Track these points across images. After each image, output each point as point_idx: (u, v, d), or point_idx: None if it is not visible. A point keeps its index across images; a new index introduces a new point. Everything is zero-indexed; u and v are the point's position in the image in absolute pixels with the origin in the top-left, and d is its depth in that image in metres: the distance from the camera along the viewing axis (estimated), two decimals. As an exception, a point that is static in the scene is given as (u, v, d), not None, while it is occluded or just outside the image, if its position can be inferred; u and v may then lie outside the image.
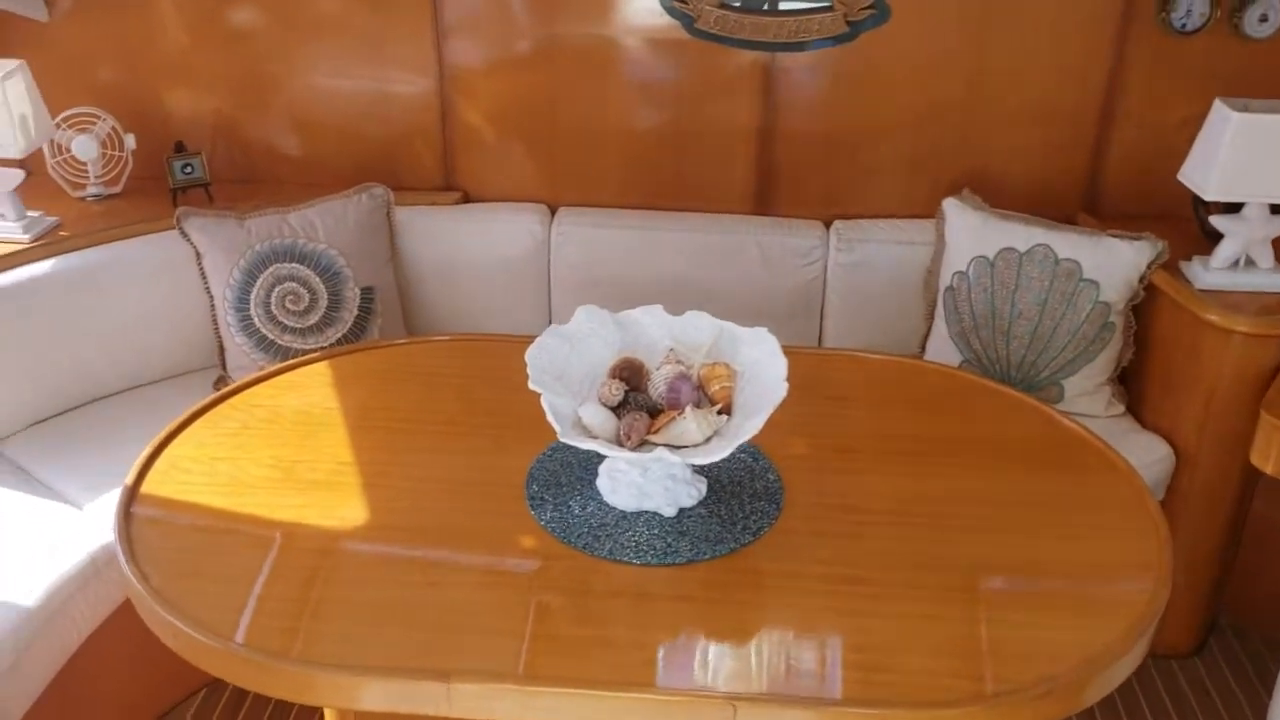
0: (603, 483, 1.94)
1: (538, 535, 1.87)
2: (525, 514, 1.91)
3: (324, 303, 2.75)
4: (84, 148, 2.93)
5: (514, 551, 1.85)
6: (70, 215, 2.89)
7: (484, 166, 3.10)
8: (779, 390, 1.81)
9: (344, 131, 3.10)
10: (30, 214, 2.80)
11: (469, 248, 2.97)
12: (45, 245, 2.75)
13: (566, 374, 1.93)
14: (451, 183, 3.12)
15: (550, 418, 1.81)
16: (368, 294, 2.80)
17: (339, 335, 2.77)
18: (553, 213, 3.04)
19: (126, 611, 2.27)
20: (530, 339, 1.94)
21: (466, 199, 3.11)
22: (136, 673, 2.47)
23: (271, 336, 2.74)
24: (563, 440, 1.79)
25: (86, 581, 2.27)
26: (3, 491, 2.46)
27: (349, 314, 2.77)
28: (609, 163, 3.06)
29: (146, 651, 2.04)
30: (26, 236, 2.75)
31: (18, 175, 2.77)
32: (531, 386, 1.84)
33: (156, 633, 1.74)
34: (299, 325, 2.74)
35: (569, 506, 1.92)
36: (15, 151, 2.66)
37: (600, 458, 1.98)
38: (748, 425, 1.77)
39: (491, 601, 1.74)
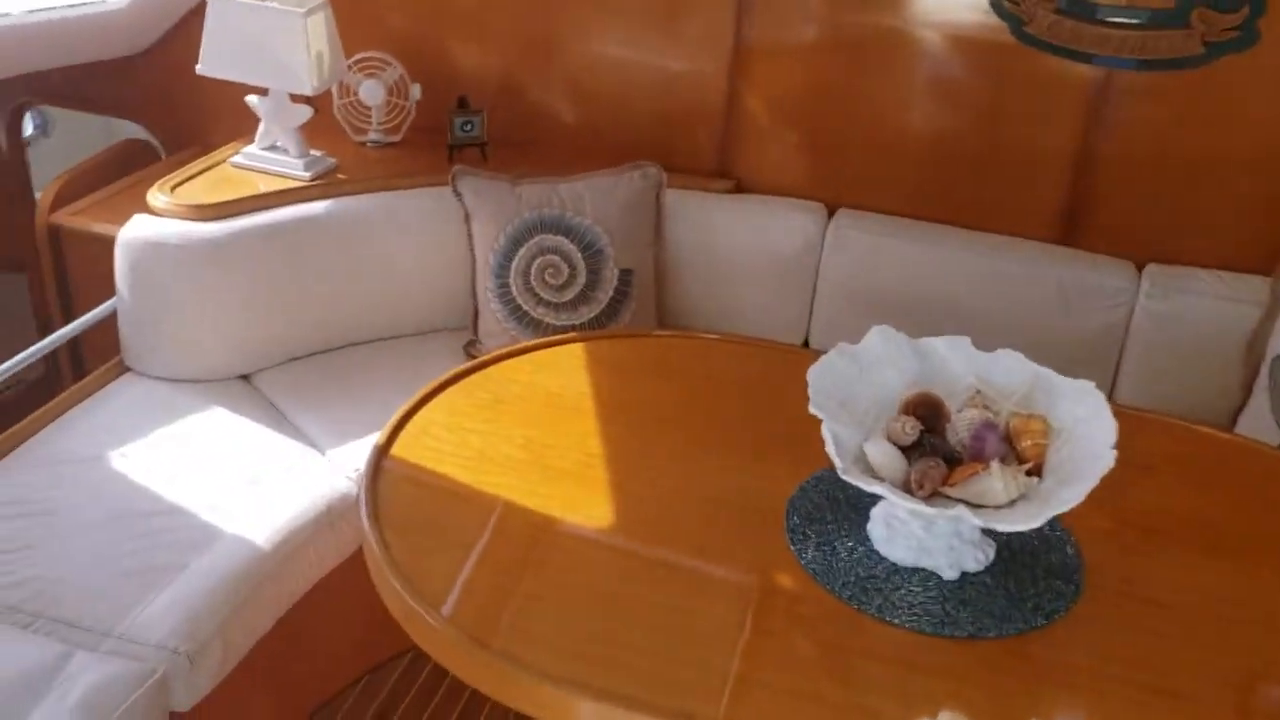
0: (876, 529, 1.74)
1: (795, 575, 1.68)
2: (783, 548, 1.73)
3: (582, 280, 2.65)
4: (371, 93, 2.92)
5: (766, 587, 1.68)
6: (348, 159, 2.89)
7: (762, 156, 2.93)
8: (1105, 458, 1.56)
9: (623, 104, 2.99)
10: (313, 153, 2.81)
11: (735, 240, 2.80)
12: (322, 185, 2.76)
13: (852, 401, 1.73)
14: (726, 170, 2.96)
15: (831, 448, 1.62)
16: (626, 276, 2.68)
17: (592, 315, 2.66)
18: (830, 214, 2.83)
19: (349, 567, 2.25)
20: (797, 349, 1.77)
21: (739, 189, 2.94)
22: (351, 627, 2.44)
23: (526, 308, 2.66)
24: (843, 476, 1.59)
25: (320, 530, 2.24)
26: (250, 425, 2.47)
27: (604, 294, 2.66)
28: (899, 168, 2.82)
29: (363, 608, 1.99)
30: (306, 175, 2.76)
31: (306, 112, 2.78)
32: (813, 410, 1.65)
33: (382, 594, 1.67)
34: (554, 300, 2.65)
35: (834, 548, 1.72)
36: (307, 88, 2.67)
37: (874, 499, 1.77)
38: (1064, 494, 1.53)
39: (731, 638, 1.57)
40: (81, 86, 3.22)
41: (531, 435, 1.98)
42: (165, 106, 3.22)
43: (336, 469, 2.38)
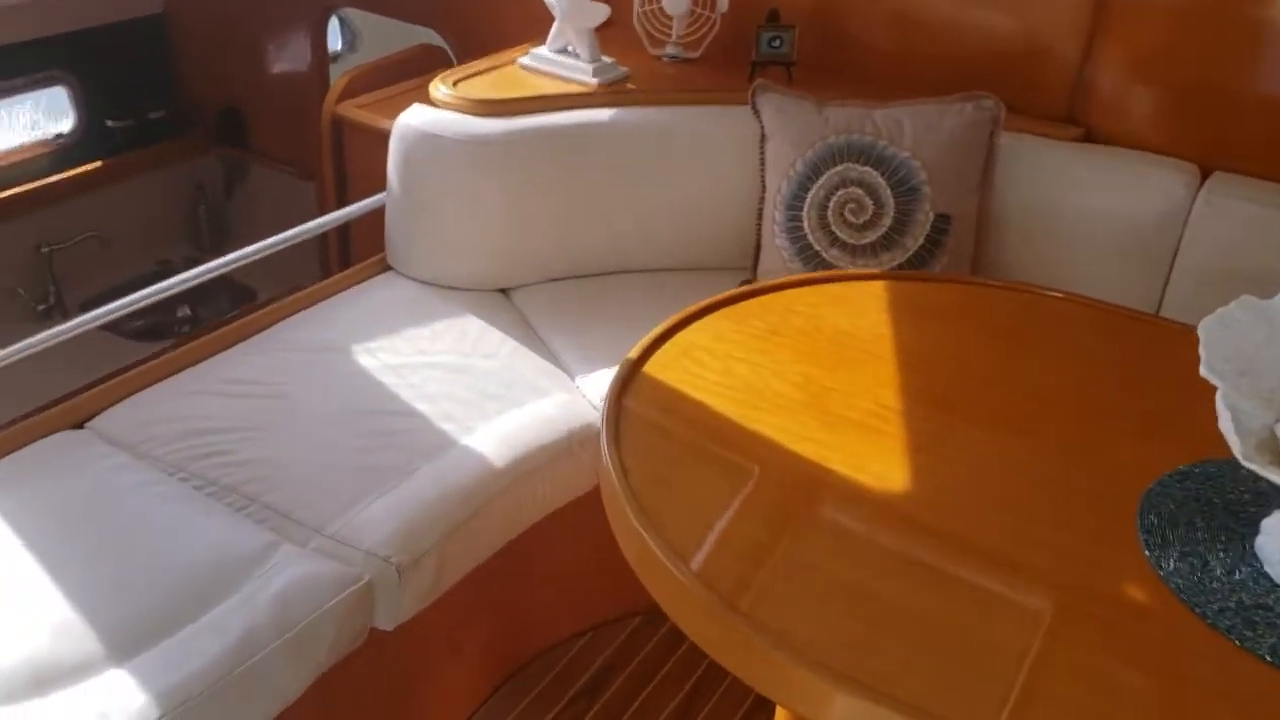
0: (1267, 543, 1.28)
1: (1151, 588, 1.26)
2: (1134, 552, 1.31)
3: (888, 220, 2.27)
4: (675, 2, 2.66)
5: (1107, 596, 1.26)
6: (641, 71, 2.65)
7: (1124, 103, 2.43)
8: None
9: (954, 31, 2.57)
10: (604, 59, 2.58)
11: (1080, 196, 2.33)
12: (608, 93, 2.52)
13: (1256, 370, 1.28)
14: (1075, 115, 2.49)
15: (1226, 425, 1.19)
16: (942, 222, 2.27)
17: (895, 264, 2.28)
18: (1204, 177, 2.31)
19: (584, 505, 1.99)
20: (1158, 320, 1.33)
21: (1088, 138, 2.46)
22: (579, 573, 2.19)
23: (817, 247, 2.31)
24: (1243, 461, 1.16)
25: (558, 457, 1.99)
26: (501, 339, 2.26)
27: (913, 240, 2.27)
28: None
29: (595, 554, 1.73)
30: (594, 81, 2.53)
31: (603, 11, 2.55)
32: (1204, 373, 1.22)
33: (617, 533, 1.38)
34: (853, 241, 2.28)
35: (1205, 561, 1.28)
36: (607, -14, 2.43)
37: (1263, 506, 1.32)
38: None
39: (1046, 653, 1.17)
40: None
41: (811, 374, 1.64)
42: (461, 13, 3.09)
43: (584, 396, 2.13)
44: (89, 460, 1.86)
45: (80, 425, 1.96)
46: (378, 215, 2.50)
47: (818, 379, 1.62)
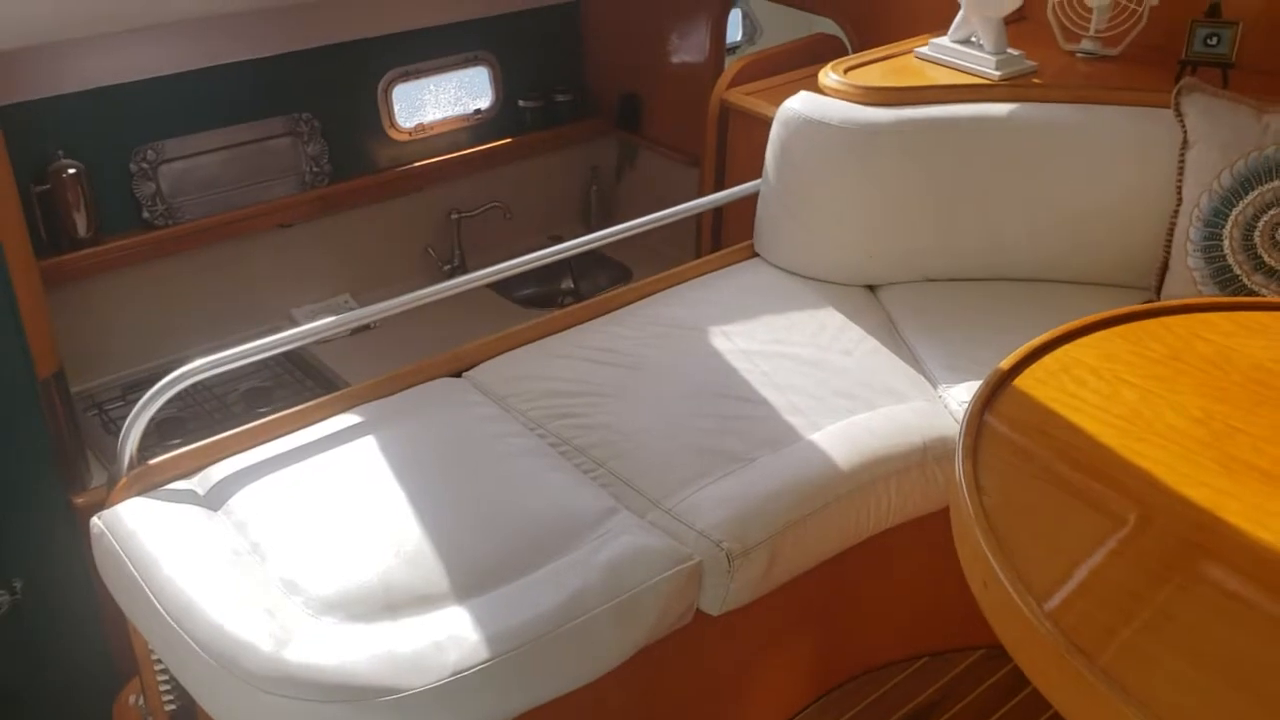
0: None
1: None
2: None
3: (1333, 247, 1.94)
4: (1099, -8, 2.43)
5: None
6: (1051, 66, 2.44)
7: None
8: None
9: None
10: (1009, 51, 2.40)
11: None
12: (1010, 86, 2.34)
13: None
14: None
15: None
16: (1404, 255, 1.92)
17: (1336, 297, 1.95)
18: None
19: (932, 523, 1.86)
20: None
21: None
22: (918, 594, 2.06)
23: (1238, 271, 2.02)
24: None
25: (909, 468, 1.88)
26: (862, 337, 2.17)
27: (1364, 273, 1.93)
28: None
29: (938, 577, 1.61)
30: (996, 74, 2.37)
31: (1014, 0, 2.37)
32: None
33: (963, 560, 1.27)
34: (1284, 266, 1.98)
35: None
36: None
37: None
38: None
39: None
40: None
41: (1215, 410, 1.42)
42: (863, 3, 3.01)
43: (945, 407, 2.00)
44: (463, 407, 1.98)
45: (459, 374, 2.10)
46: (751, 202, 2.49)
47: (1222, 416, 1.41)
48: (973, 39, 2.45)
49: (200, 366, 1.84)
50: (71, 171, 2.73)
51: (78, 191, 2.75)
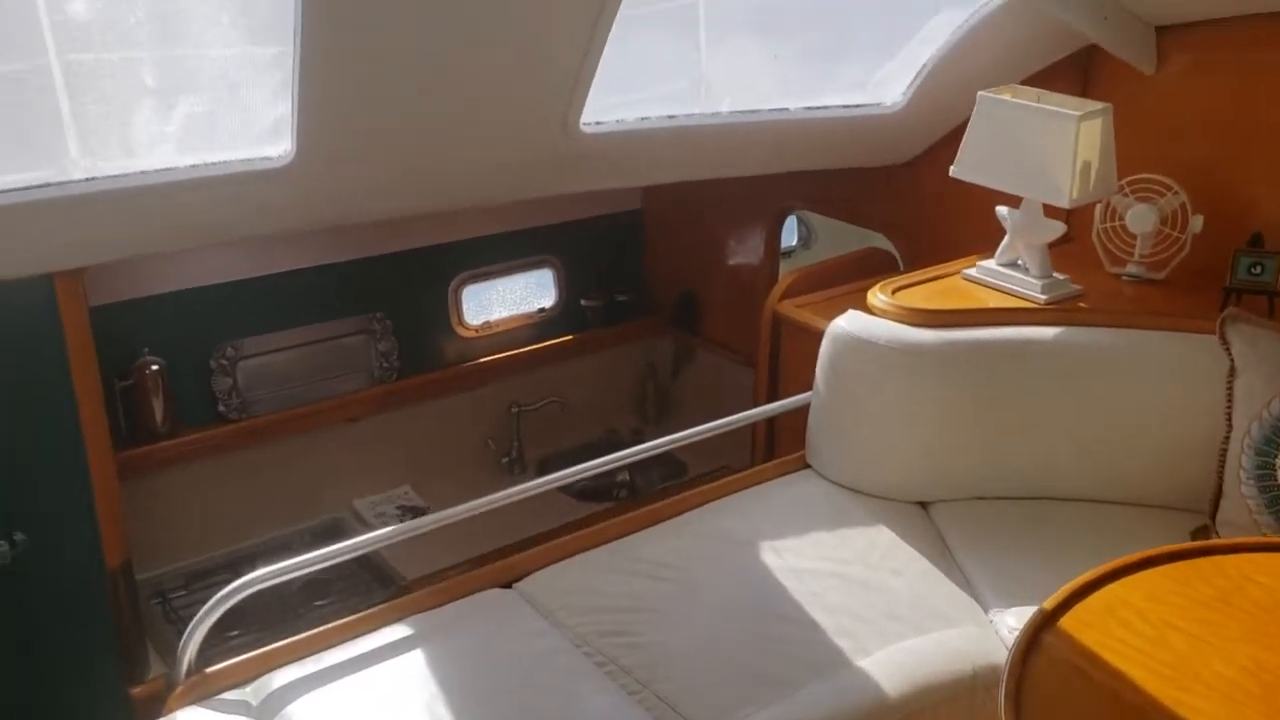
0: None
1: None
2: None
3: (1388, 482, 1.93)
4: (1140, 219, 2.50)
5: None
6: (1096, 290, 2.50)
7: None
8: None
9: None
10: (1055, 275, 2.47)
11: None
12: (1057, 311, 2.40)
13: None
14: None
15: None
16: None
17: (1394, 533, 1.92)
18: None
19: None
20: None
21: None
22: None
23: (1292, 500, 2.01)
24: None
25: (957, 697, 1.86)
26: (911, 556, 2.18)
27: None
28: None
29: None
30: (1042, 297, 2.43)
31: (1057, 228, 2.46)
32: None
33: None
34: (1338, 499, 1.96)
35: None
36: (1065, 200, 2.34)
37: None
38: None
39: None
40: (838, 193, 3.27)
41: (1265, 661, 1.41)
42: (913, 222, 3.12)
43: (995, 633, 1.98)
44: (512, 622, 2.00)
45: (509, 584, 2.13)
46: (804, 410, 2.54)
47: (1274, 668, 1.39)
48: (1019, 262, 2.53)
49: (261, 576, 1.91)
50: (154, 368, 2.88)
51: (158, 386, 2.90)
